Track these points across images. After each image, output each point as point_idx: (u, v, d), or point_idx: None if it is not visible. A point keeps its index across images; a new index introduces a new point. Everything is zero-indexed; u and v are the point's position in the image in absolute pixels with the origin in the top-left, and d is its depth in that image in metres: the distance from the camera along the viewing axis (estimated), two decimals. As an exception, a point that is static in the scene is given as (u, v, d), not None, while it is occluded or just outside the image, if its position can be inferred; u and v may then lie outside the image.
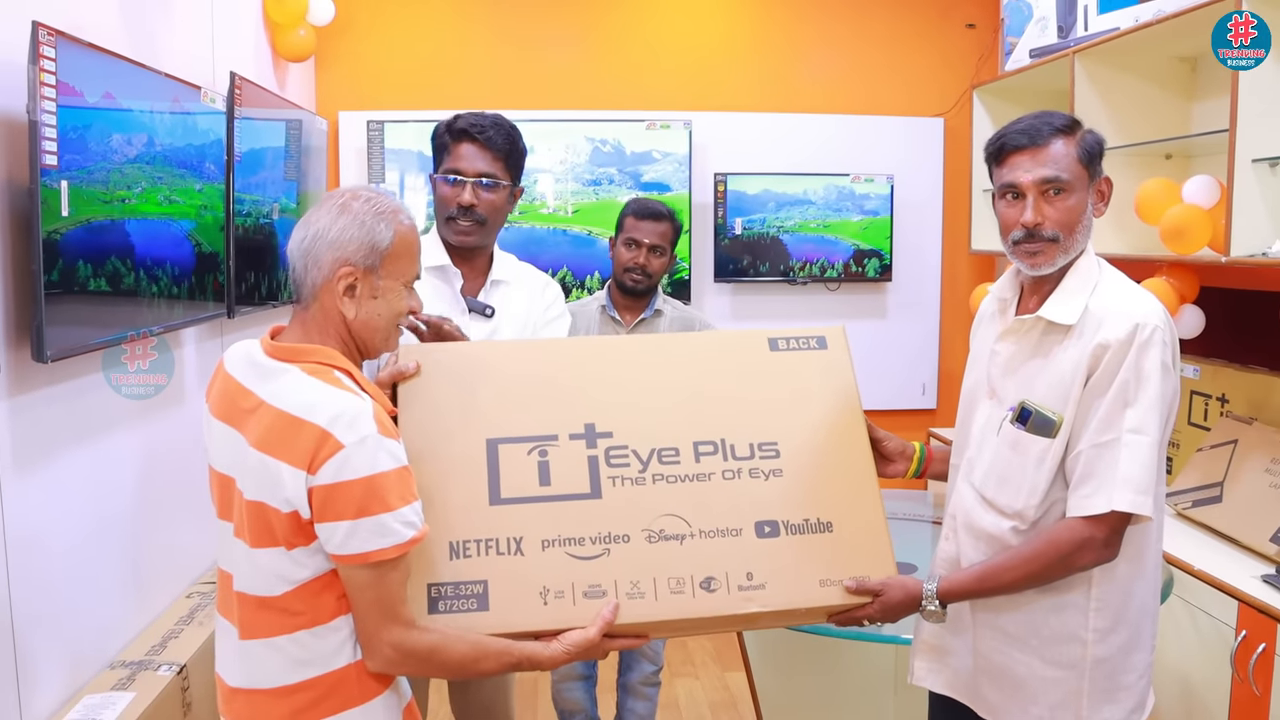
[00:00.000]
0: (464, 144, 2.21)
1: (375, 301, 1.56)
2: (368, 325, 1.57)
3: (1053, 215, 1.74)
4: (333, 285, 1.53)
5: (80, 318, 2.18)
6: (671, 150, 4.45)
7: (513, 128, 2.26)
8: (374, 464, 1.42)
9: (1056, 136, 1.74)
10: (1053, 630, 1.77)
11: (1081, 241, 1.77)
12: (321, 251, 1.52)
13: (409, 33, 4.46)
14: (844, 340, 1.97)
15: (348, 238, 1.52)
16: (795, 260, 4.56)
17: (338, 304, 1.53)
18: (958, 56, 4.69)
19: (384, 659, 1.49)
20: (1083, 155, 1.74)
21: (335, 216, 1.53)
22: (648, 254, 2.90)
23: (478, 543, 1.69)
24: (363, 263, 1.53)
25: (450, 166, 2.22)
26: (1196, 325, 3.18)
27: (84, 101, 2.14)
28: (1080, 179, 1.74)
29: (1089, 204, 1.76)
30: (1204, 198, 2.99)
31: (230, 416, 1.54)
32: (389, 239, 1.55)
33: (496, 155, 2.21)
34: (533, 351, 1.96)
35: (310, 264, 1.53)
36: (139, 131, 2.39)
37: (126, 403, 2.49)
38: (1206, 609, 2.59)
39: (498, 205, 2.23)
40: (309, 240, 1.53)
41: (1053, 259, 1.76)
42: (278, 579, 1.48)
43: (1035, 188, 1.74)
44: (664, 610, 1.69)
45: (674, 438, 1.82)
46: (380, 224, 1.54)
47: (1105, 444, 1.66)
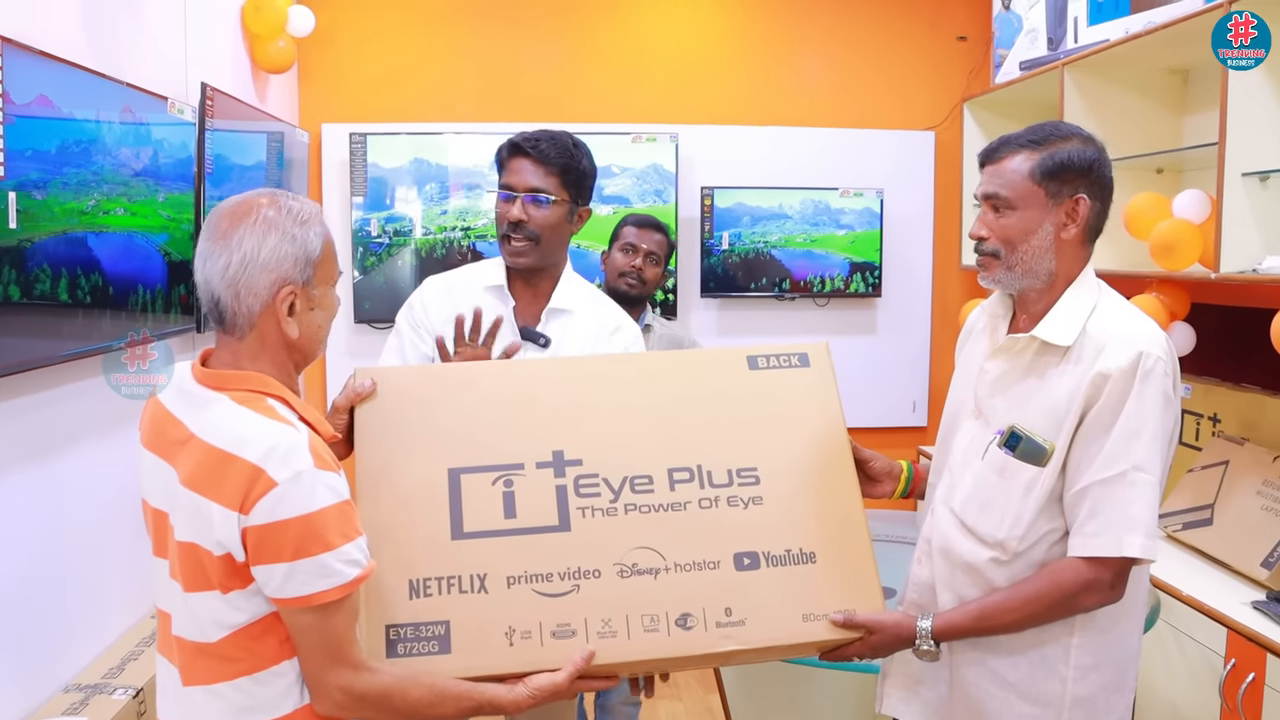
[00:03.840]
0: (516, 158, 2.11)
1: (314, 313, 1.48)
2: (311, 338, 1.49)
3: (995, 230, 1.72)
4: (274, 309, 1.43)
5: (32, 332, 2.12)
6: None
7: (574, 144, 2.13)
8: (311, 501, 1.34)
9: (1015, 152, 1.70)
10: (1031, 665, 1.70)
11: (1035, 261, 1.70)
12: (255, 276, 1.41)
13: (393, 45, 4.40)
14: (827, 357, 1.88)
15: (281, 255, 1.42)
16: (784, 275, 4.50)
17: (280, 326, 1.44)
18: (949, 69, 4.64)
19: (333, 703, 1.41)
20: (1039, 173, 1.68)
21: (262, 236, 1.41)
22: (644, 259, 2.98)
23: (439, 580, 1.61)
24: (300, 277, 1.44)
25: (503, 181, 2.12)
26: (1187, 343, 3.12)
27: (34, 111, 2.08)
28: (1027, 197, 1.68)
29: (1046, 224, 1.69)
30: (1194, 213, 2.93)
31: (160, 448, 1.46)
32: (318, 246, 1.46)
33: (550, 170, 2.09)
34: (497, 373, 1.88)
35: (243, 292, 1.42)
36: (95, 142, 2.33)
37: (86, 418, 2.43)
38: (1195, 636, 2.51)
39: (551, 222, 2.10)
40: (236, 267, 1.41)
41: (994, 274, 1.74)
42: (214, 625, 1.39)
43: (985, 201, 1.74)
44: (637, 650, 1.61)
45: (647, 464, 1.74)
46: (308, 232, 1.45)
47: (1110, 480, 1.60)
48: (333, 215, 4.36)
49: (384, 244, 4.29)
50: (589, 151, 2.17)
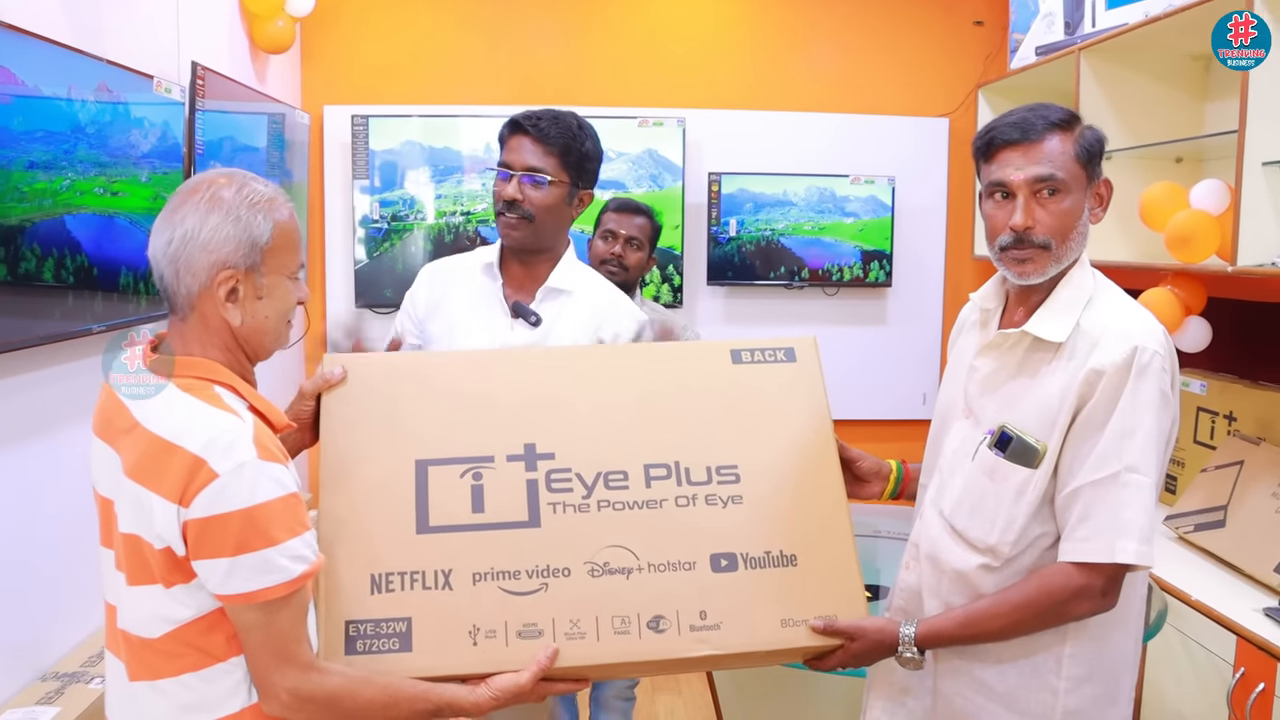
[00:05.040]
0: (516, 136, 2.05)
1: (261, 302, 1.41)
2: (257, 329, 1.42)
3: (1045, 219, 1.57)
4: (211, 292, 1.37)
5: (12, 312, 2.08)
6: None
7: (578, 125, 2.07)
8: (253, 494, 1.28)
9: (1052, 131, 1.57)
10: (1021, 675, 1.61)
11: (1075, 250, 1.60)
12: (194, 255, 1.35)
13: (395, 26, 4.33)
14: (815, 352, 1.81)
15: (222, 237, 1.35)
16: (792, 264, 4.41)
17: (220, 311, 1.38)
18: (964, 55, 4.52)
19: (280, 704, 1.35)
20: (1080, 153, 1.57)
21: (205, 214, 1.35)
22: (624, 245, 2.91)
23: (402, 575, 1.56)
24: (243, 263, 1.37)
25: (501, 159, 2.07)
26: (1203, 338, 3.01)
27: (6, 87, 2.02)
28: (1077, 180, 1.57)
29: (1085, 209, 1.59)
30: (1212, 203, 2.82)
31: (108, 435, 1.40)
32: (268, 232, 1.38)
33: (549, 150, 2.02)
34: (470, 362, 1.82)
35: (182, 270, 1.36)
36: (66, 120, 2.26)
37: (67, 402, 2.38)
38: (1203, 642, 2.42)
39: (548, 204, 2.03)
40: (176, 244, 1.35)
41: (1043, 268, 1.59)
42: (157, 619, 1.34)
43: (1027, 187, 1.57)
44: (606, 653, 1.55)
45: (623, 460, 1.68)
46: (257, 216, 1.37)
47: (1102, 482, 1.51)
48: (334, 199, 4.31)
49: (384, 229, 4.23)
50: (594, 134, 2.10)
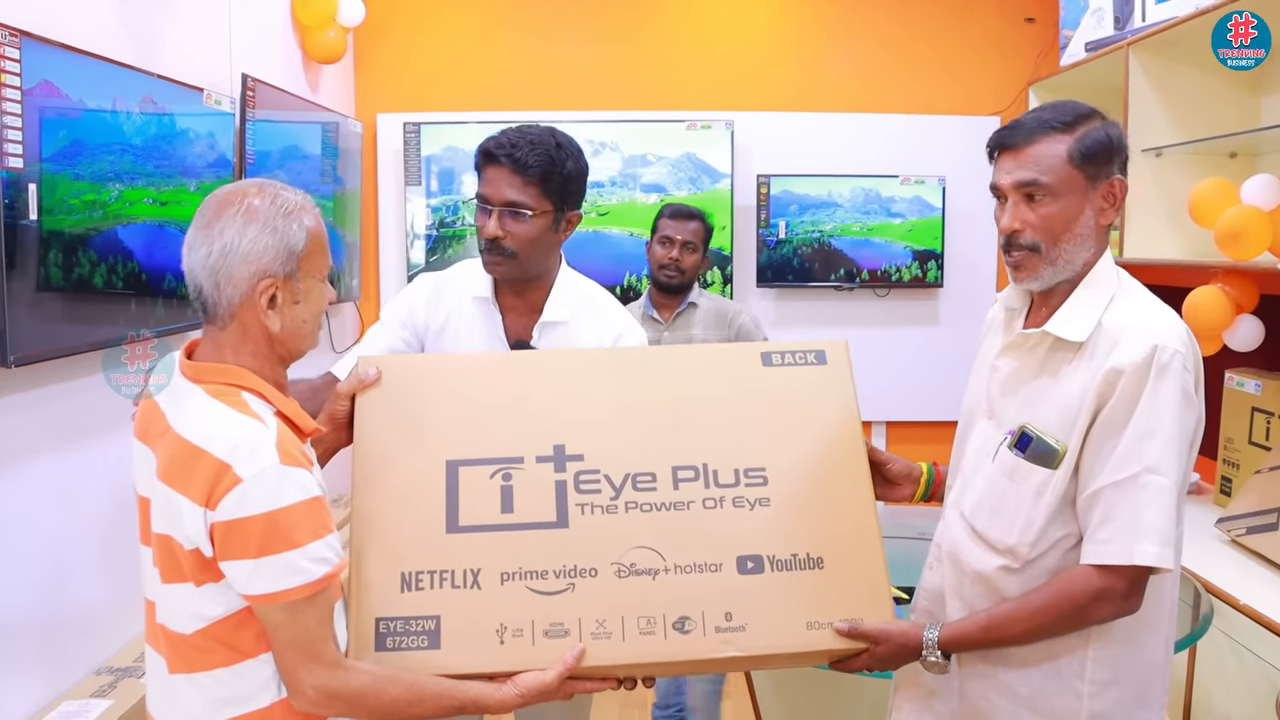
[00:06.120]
0: (491, 167, 1.93)
1: (298, 307, 1.46)
2: (294, 333, 1.47)
3: (1032, 221, 1.57)
4: (253, 301, 1.41)
5: (54, 319, 2.16)
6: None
7: (556, 145, 1.93)
8: (276, 498, 1.33)
9: (1045, 134, 1.56)
10: (1045, 678, 1.60)
11: (1074, 252, 1.59)
12: (235, 267, 1.40)
13: (445, 34, 4.41)
14: (846, 355, 1.81)
15: (262, 247, 1.40)
16: (842, 265, 4.39)
17: (260, 319, 1.43)
18: (1015, 52, 4.46)
19: (308, 701, 1.40)
20: (1077, 154, 1.55)
21: (242, 226, 1.39)
22: (680, 249, 3.09)
23: (431, 574, 1.59)
24: (281, 271, 1.42)
25: (478, 192, 1.95)
26: (1255, 337, 2.94)
27: (54, 102, 2.10)
28: (1068, 182, 1.56)
29: (1086, 210, 1.58)
30: (1264, 198, 2.76)
31: (147, 437, 1.47)
32: (302, 239, 1.43)
33: (528, 180, 1.90)
34: (501, 364, 1.85)
35: (223, 282, 1.40)
36: (118, 133, 2.35)
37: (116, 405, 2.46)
38: (1252, 647, 2.36)
39: (531, 237, 1.92)
40: (216, 256, 1.39)
41: (1035, 271, 1.59)
42: (189, 616, 1.39)
43: (1014, 190, 1.58)
44: (632, 653, 1.57)
45: (651, 462, 1.69)
46: (291, 225, 1.42)
47: (1123, 483, 1.49)
48: (387, 205, 4.39)
49: (433, 235, 4.30)
50: (576, 150, 1.98)
